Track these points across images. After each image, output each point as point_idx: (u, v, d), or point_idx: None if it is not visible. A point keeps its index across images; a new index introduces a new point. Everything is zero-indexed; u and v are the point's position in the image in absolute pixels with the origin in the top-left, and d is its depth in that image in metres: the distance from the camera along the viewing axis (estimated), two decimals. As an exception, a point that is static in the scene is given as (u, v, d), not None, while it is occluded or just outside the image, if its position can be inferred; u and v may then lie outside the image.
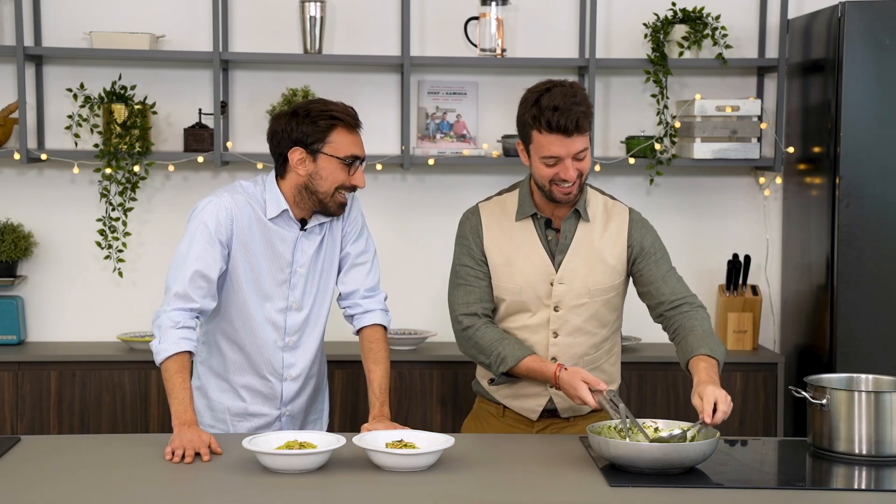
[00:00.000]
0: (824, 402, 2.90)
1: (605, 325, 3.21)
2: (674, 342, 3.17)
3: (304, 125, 3.11)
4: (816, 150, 4.42)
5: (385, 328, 3.34)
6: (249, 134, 4.66)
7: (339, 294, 3.35)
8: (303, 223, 3.22)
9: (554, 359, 3.15)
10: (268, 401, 3.27)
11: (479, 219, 3.21)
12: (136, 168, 4.45)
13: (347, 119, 3.13)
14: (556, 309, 3.13)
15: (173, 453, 2.81)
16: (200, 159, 4.46)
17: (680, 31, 4.53)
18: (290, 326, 3.24)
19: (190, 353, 3.07)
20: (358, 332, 3.33)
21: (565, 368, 3.02)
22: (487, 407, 3.30)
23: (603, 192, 3.26)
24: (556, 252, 3.14)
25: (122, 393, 4.33)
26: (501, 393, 3.23)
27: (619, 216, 3.22)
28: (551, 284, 3.13)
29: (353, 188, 3.19)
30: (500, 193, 3.27)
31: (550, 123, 2.97)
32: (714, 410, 2.80)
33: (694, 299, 3.19)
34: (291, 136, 3.12)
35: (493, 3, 4.50)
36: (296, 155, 3.13)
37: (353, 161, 3.14)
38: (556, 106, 2.96)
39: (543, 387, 3.18)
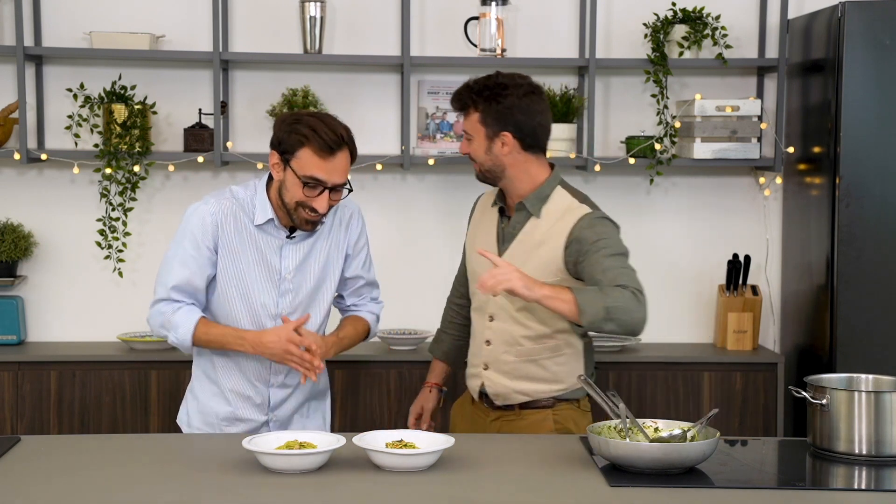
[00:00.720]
0: (824, 402, 2.90)
1: (545, 322, 3.21)
2: None
3: (283, 131, 3.11)
4: (816, 150, 4.42)
5: (369, 327, 3.43)
6: (249, 134, 4.66)
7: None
8: (292, 230, 3.22)
9: (488, 342, 3.27)
10: (255, 407, 3.28)
11: (475, 207, 3.45)
12: (136, 168, 4.45)
13: (320, 141, 3.06)
14: (493, 294, 3.11)
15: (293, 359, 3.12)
16: (200, 159, 4.46)
17: (680, 31, 4.53)
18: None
19: (204, 316, 3.18)
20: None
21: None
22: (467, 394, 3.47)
23: (577, 194, 3.27)
24: (504, 240, 3.26)
25: (122, 393, 4.33)
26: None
27: (572, 215, 3.20)
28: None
29: (313, 210, 3.12)
30: None
31: None
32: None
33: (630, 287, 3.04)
34: (275, 137, 3.15)
35: (493, 3, 4.50)
36: (273, 158, 3.15)
37: (313, 184, 3.09)
38: None
39: (479, 367, 3.30)
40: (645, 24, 4.58)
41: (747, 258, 4.65)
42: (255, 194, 3.21)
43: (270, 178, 3.21)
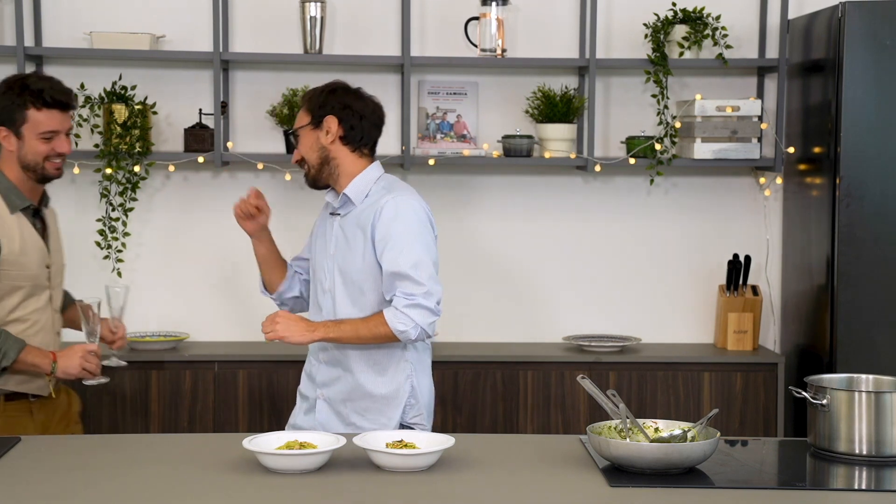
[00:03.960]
0: (824, 402, 2.90)
1: None
2: None
3: None
4: (816, 150, 4.42)
5: (383, 318, 3.28)
6: (250, 134, 4.66)
7: None
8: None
9: (58, 332, 3.50)
10: (309, 381, 3.45)
11: None
12: (137, 168, 4.45)
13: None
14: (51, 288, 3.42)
15: None
16: (201, 159, 4.46)
17: (680, 31, 4.53)
18: (325, 309, 3.39)
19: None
20: None
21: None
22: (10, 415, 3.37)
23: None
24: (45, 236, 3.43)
25: (122, 393, 4.33)
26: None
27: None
28: (47, 266, 3.42)
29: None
30: None
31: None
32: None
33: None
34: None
35: (494, 4, 4.50)
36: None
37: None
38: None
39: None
40: (645, 25, 4.58)
41: (747, 258, 4.65)
42: None
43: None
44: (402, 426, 3.33)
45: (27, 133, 3.31)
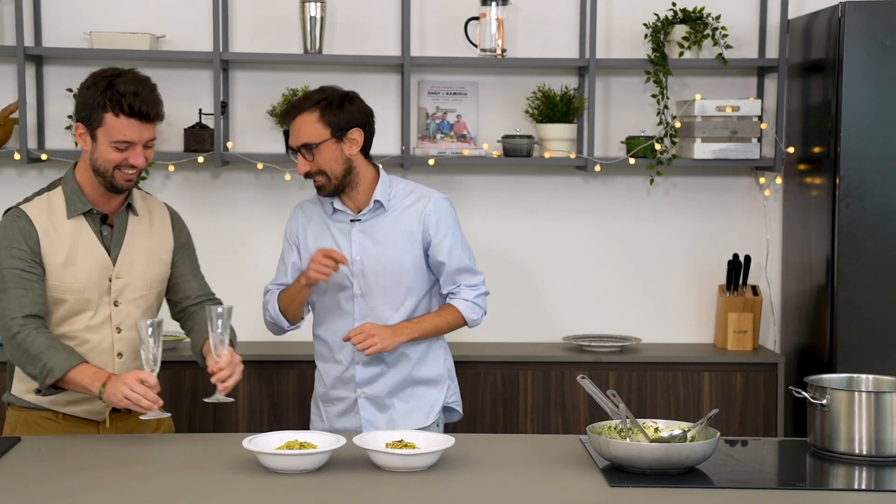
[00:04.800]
0: (824, 402, 2.90)
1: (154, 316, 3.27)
2: (189, 335, 3.29)
3: None
4: (816, 150, 4.42)
5: (460, 313, 3.45)
6: (250, 134, 4.66)
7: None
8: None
9: (120, 354, 3.16)
10: (344, 384, 3.45)
11: (29, 219, 3.09)
12: (137, 168, 4.44)
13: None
14: (115, 304, 3.16)
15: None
16: (201, 159, 4.46)
17: (680, 31, 4.53)
18: (358, 313, 3.39)
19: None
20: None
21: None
22: (37, 414, 3.16)
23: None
24: (111, 246, 3.17)
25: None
26: (50, 400, 3.12)
27: (158, 208, 3.31)
28: (110, 280, 3.14)
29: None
30: (39, 194, 3.18)
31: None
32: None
33: (215, 296, 3.36)
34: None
35: (494, 3, 4.50)
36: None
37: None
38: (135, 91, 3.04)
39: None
40: (645, 25, 4.58)
41: (747, 258, 4.65)
42: None
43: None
44: (445, 408, 3.51)
45: (101, 137, 3.03)
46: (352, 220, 3.41)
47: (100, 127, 3.02)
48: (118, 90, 3.00)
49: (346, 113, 3.32)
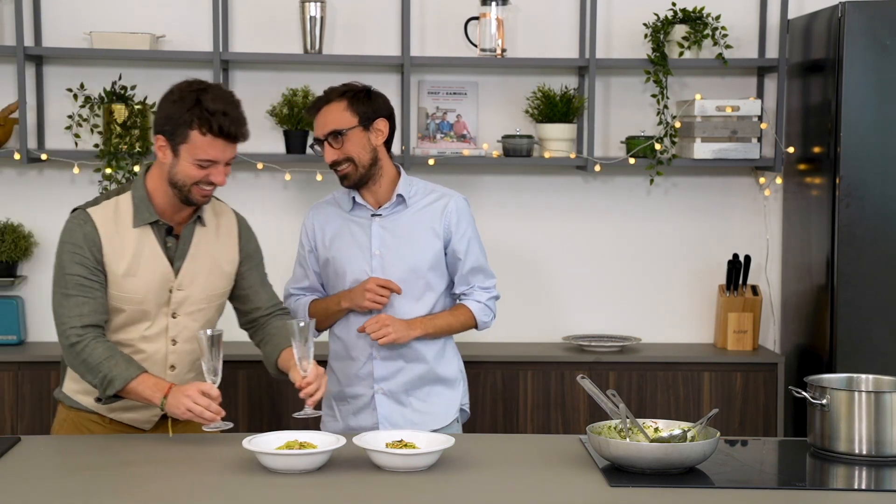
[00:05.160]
0: (824, 402, 2.90)
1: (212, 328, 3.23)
2: (261, 345, 3.27)
3: None
4: (816, 150, 4.42)
5: (472, 314, 3.47)
6: (250, 133, 4.64)
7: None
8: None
9: (173, 366, 3.13)
10: (360, 381, 3.44)
11: (95, 225, 3.06)
12: (137, 168, 4.44)
13: None
14: (174, 316, 3.12)
15: None
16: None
17: (680, 31, 4.53)
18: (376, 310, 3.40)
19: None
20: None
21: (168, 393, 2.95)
22: (85, 416, 3.16)
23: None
24: (175, 258, 3.11)
25: (122, 393, 4.33)
26: (107, 407, 3.11)
27: (227, 218, 3.26)
28: (170, 291, 3.10)
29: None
30: (107, 197, 3.13)
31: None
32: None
33: (284, 306, 3.37)
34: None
35: (493, 3, 4.50)
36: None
37: None
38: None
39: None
40: (645, 24, 4.58)
41: (747, 258, 4.65)
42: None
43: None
44: (461, 410, 3.53)
45: (184, 153, 2.97)
46: (372, 215, 3.43)
47: (183, 143, 2.96)
48: (207, 108, 2.94)
49: (374, 103, 3.37)
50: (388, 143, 3.44)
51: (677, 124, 4.58)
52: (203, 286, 3.13)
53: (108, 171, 4.42)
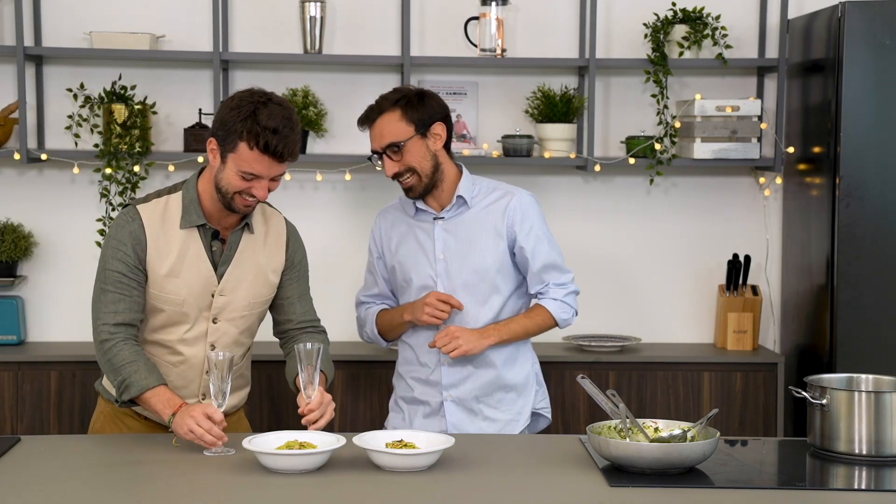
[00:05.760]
0: (824, 402, 2.90)
1: (253, 336, 3.25)
2: (287, 359, 3.25)
3: None
4: (816, 150, 4.42)
5: (549, 313, 3.42)
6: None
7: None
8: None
9: (209, 371, 3.07)
10: (429, 386, 3.42)
11: (142, 223, 3.05)
12: (137, 168, 4.45)
13: None
14: (214, 321, 3.11)
15: None
16: (200, 159, 4.45)
17: (680, 31, 4.53)
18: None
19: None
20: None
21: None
22: (121, 409, 3.15)
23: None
24: (219, 263, 3.09)
25: (122, 393, 4.33)
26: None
27: (276, 226, 3.23)
28: (212, 296, 3.09)
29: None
30: (158, 195, 3.12)
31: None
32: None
33: (319, 324, 3.30)
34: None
35: (493, 3, 4.50)
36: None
37: None
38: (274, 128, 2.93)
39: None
40: (645, 24, 4.58)
41: (747, 258, 4.65)
42: None
43: None
44: (534, 413, 3.48)
45: (230, 162, 2.95)
46: (435, 219, 3.39)
47: (231, 152, 2.95)
48: (260, 123, 2.90)
49: (428, 108, 3.31)
50: (446, 145, 3.37)
51: (677, 124, 4.58)
52: (246, 293, 3.11)
53: (108, 171, 4.42)
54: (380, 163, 3.36)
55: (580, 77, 4.66)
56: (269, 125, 2.90)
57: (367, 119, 3.33)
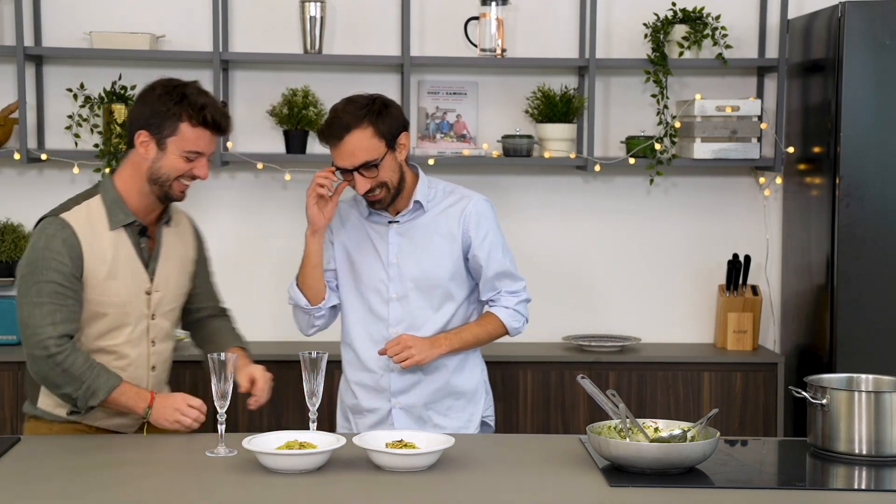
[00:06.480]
0: (824, 402, 2.90)
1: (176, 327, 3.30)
2: (202, 344, 3.31)
3: None
4: (816, 150, 4.42)
5: (500, 321, 3.39)
6: (250, 134, 4.66)
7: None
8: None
9: (153, 367, 3.15)
10: (377, 394, 3.37)
11: (73, 230, 3.02)
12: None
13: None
14: (153, 317, 3.14)
15: None
16: (200, 159, 4.45)
17: (680, 31, 4.53)
18: (393, 317, 3.33)
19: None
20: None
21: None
22: (70, 426, 3.13)
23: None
24: (149, 260, 3.12)
25: (122, 393, 4.32)
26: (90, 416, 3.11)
27: (182, 217, 3.31)
28: (148, 293, 3.11)
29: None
30: (77, 202, 3.10)
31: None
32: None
33: (225, 307, 3.37)
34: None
35: (493, 3, 4.50)
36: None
37: None
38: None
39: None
40: (645, 24, 4.58)
41: (747, 258, 4.65)
42: None
43: None
44: (483, 423, 3.45)
45: (171, 146, 3.01)
46: (389, 222, 3.34)
47: (172, 136, 3.01)
48: (194, 102, 3.00)
49: (393, 118, 3.21)
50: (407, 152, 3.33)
51: (677, 124, 4.58)
52: (175, 286, 3.20)
53: (108, 171, 4.42)
54: (349, 179, 3.23)
55: (580, 77, 4.66)
56: (202, 102, 3.02)
57: (334, 136, 3.18)
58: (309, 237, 3.29)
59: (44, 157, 4.40)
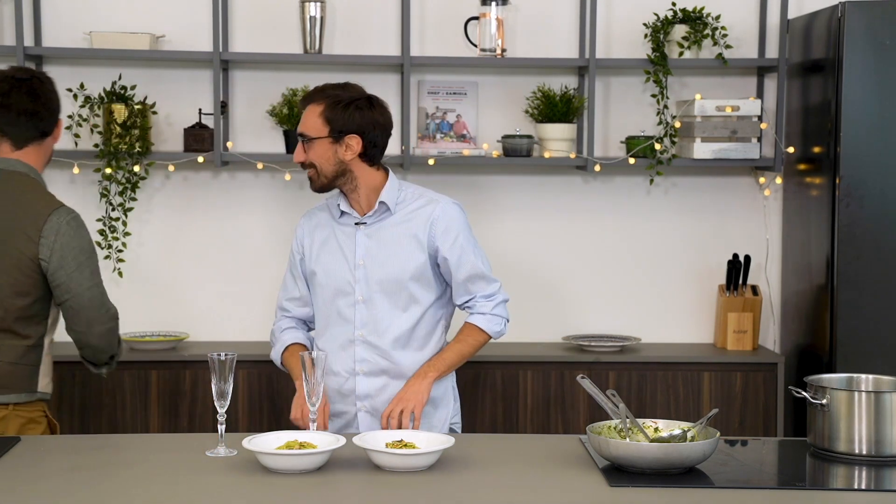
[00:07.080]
0: (824, 402, 2.90)
1: None
2: None
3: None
4: (816, 150, 4.42)
5: (480, 328, 3.37)
6: (250, 134, 4.66)
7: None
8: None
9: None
10: (343, 397, 3.36)
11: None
12: (136, 168, 4.45)
13: None
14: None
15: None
16: (200, 159, 4.46)
17: (680, 31, 4.53)
18: (359, 319, 3.32)
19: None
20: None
21: None
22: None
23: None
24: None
25: (122, 393, 4.33)
26: None
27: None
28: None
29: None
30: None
31: None
32: None
33: None
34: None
35: (493, 3, 4.50)
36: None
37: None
38: None
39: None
40: (645, 24, 4.58)
41: (747, 258, 4.65)
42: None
43: None
44: (451, 430, 3.42)
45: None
46: (356, 223, 3.34)
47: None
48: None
49: (349, 118, 3.24)
50: (370, 157, 3.30)
51: (677, 124, 4.58)
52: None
53: (108, 171, 4.42)
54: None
55: (580, 77, 4.66)
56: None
57: (302, 100, 3.35)
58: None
59: (44, 157, 4.40)
